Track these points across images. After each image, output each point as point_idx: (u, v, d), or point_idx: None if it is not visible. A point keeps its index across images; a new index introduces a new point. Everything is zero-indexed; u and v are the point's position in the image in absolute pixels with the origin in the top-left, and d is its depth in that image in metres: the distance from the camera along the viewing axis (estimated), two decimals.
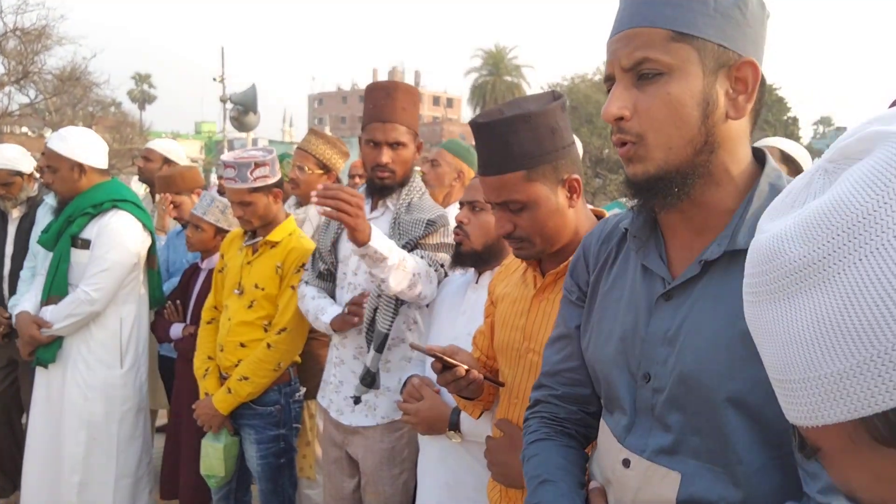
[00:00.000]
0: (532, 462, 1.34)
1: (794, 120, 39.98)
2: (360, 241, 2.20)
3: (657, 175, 1.08)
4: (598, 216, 1.80)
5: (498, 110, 1.66)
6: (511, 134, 1.61)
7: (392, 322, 2.52)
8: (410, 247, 2.54)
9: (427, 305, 2.58)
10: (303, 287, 2.78)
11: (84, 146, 3.40)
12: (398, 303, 2.53)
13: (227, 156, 3.01)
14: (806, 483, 0.94)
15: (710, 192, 1.10)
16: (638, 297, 1.18)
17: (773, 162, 1.14)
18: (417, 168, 3.81)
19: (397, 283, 2.33)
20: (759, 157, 1.15)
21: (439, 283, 2.51)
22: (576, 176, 1.68)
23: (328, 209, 2.11)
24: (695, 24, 1.05)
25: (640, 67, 1.07)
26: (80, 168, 3.39)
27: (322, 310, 2.68)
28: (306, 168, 3.78)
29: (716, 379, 1.03)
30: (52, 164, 3.37)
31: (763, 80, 1.09)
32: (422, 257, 2.48)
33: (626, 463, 1.14)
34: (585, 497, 1.24)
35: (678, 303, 1.12)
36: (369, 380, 2.56)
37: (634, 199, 1.15)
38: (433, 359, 1.75)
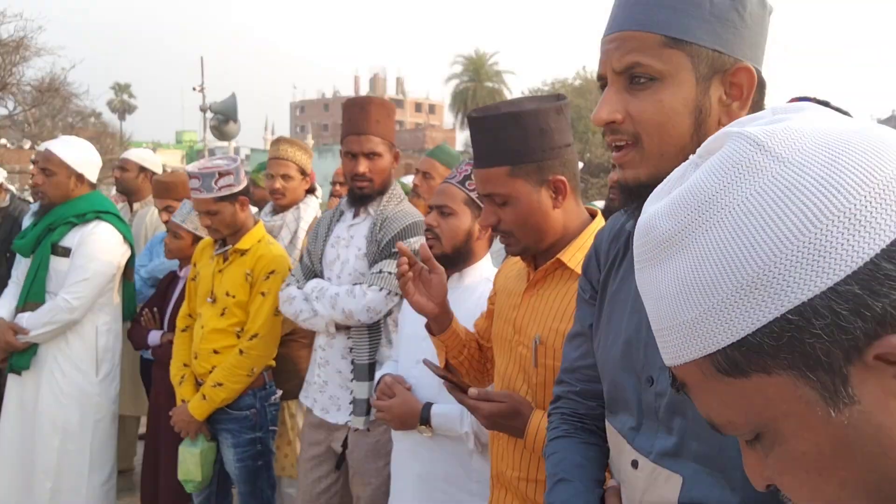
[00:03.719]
0: (551, 460, 1.35)
1: None
2: None
3: (647, 182, 1.06)
4: (592, 214, 1.85)
5: (495, 107, 1.74)
6: (500, 130, 1.68)
7: (373, 351, 2.71)
8: (383, 256, 2.71)
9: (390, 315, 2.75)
10: (291, 290, 2.84)
11: (85, 158, 3.52)
12: (372, 331, 2.72)
13: (191, 166, 3.05)
14: None
15: None
16: (642, 300, 1.19)
17: None
18: (410, 178, 3.85)
19: (324, 308, 2.69)
20: None
21: (395, 293, 2.66)
22: (562, 178, 1.71)
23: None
24: (688, 30, 1.03)
25: (632, 72, 1.06)
26: (78, 178, 3.45)
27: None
28: (293, 175, 3.80)
29: None
30: (50, 167, 3.42)
31: (762, 84, 1.07)
32: (380, 271, 2.67)
33: (635, 464, 1.13)
34: (601, 494, 1.24)
35: None
36: (365, 408, 2.69)
37: (625, 204, 1.15)
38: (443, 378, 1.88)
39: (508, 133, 1.67)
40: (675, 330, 0.60)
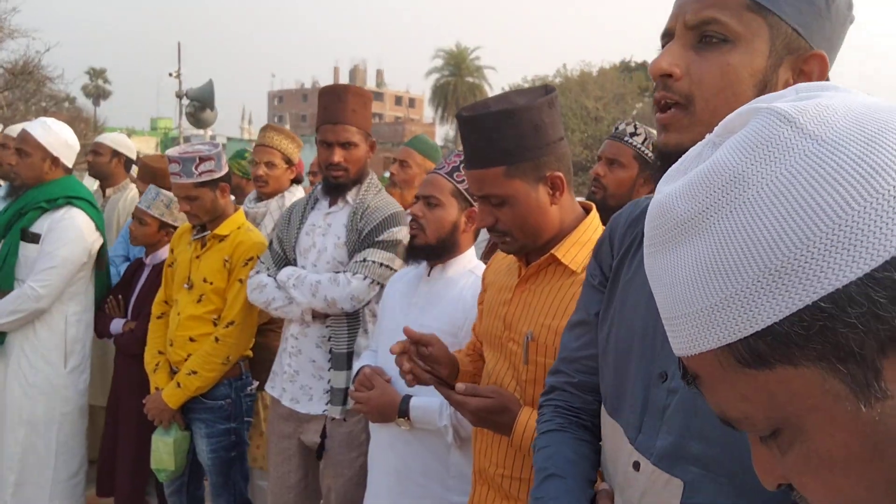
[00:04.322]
0: (542, 454, 1.28)
1: None
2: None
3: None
4: (586, 209, 1.81)
5: (484, 104, 1.68)
6: (493, 129, 1.62)
7: (351, 340, 2.68)
8: (365, 245, 2.69)
9: (369, 303, 2.72)
10: (262, 277, 2.80)
11: (63, 142, 3.43)
12: (351, 320, 2.69)
13: (171, 151, 3.01)
14: None
15: None
16: None
17: None
18: (388, 173, 3.84)
19: (301, 295, 2.65)
20: None
21: (378, 282, 2.65)
22: (559, 173, 1.67)
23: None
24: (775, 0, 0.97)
25: (706, 28, 0.99)
26: (53, 161, 3.37)
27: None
28: (276, 163, 3.78)
29: None
30: (26, 148, 3.34)
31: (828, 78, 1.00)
32: (364, 260, 2.65)
33: (636, 465, 1.07)
34: (592, 496, 1.18)
35: None
36: (342, 397, 2.66)
37: (662, 170, 1.08)
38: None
39: (502, 132, 1.62)
40: (690, 318, 0.57)
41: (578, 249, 1.69)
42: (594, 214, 1.79)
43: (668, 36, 1.05)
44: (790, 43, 0.99)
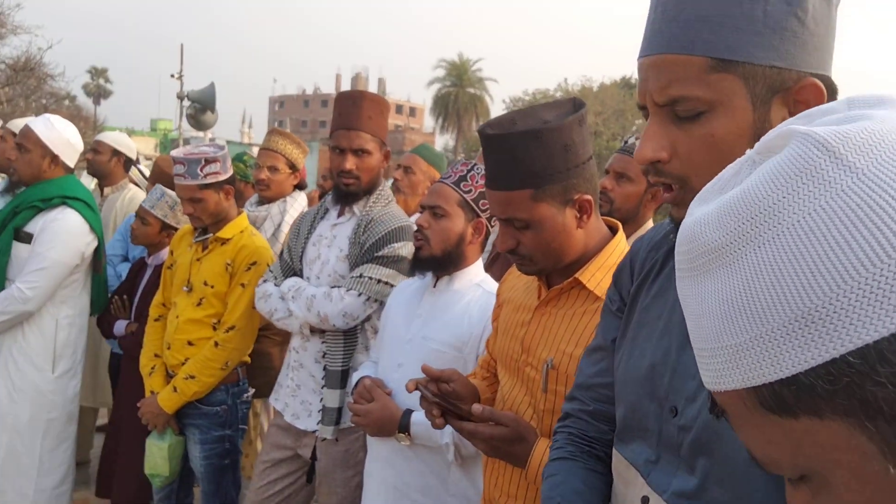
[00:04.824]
0: (549, 482, 1.24)
1: None
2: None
3: None
4: (611, 227, 1.73)
5: (510, 120, 1.58)
6: (520, 149, 1.52)
7: (347, 358, 2.61)
8: (365, 259, 2.61)
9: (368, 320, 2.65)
10: (268, 287, 2.74)
11: (65, 140, 3.35)
12: (348, 337, 2.61)
13: (176, 152, 2.96)
14: None
15: None
16: (676, 321, 1.03)
17: None
18: (392, 180, 3.82)
19: (299, 309, 2.59)
20: None
21: (377, 299, 2.57)
22: (587, 196, 1.58)
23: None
24: (739, 48, 0.89)
25: (676, 107, 0.93)
26: (53, 159, 3.30)
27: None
28: (280, 168, 3.74)
29: None
30: (26, 144, 3.27)
31: (832, 91, 0.92)
32: (360, 275, 2.56)
33: (645, 500, 1.02)
34: None
35: None
36: (335, 417, 2.59)
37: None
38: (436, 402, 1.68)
39: (530, 152, 1.51)
40: (717, 353, 0.53)
41: (604, 274, 1.59)
42: (621, 236, 1.70)
43: (643, 108, 1.00)
44: (773, 82, 0.90)
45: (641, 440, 1.06)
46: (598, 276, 1.60)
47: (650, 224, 2.79)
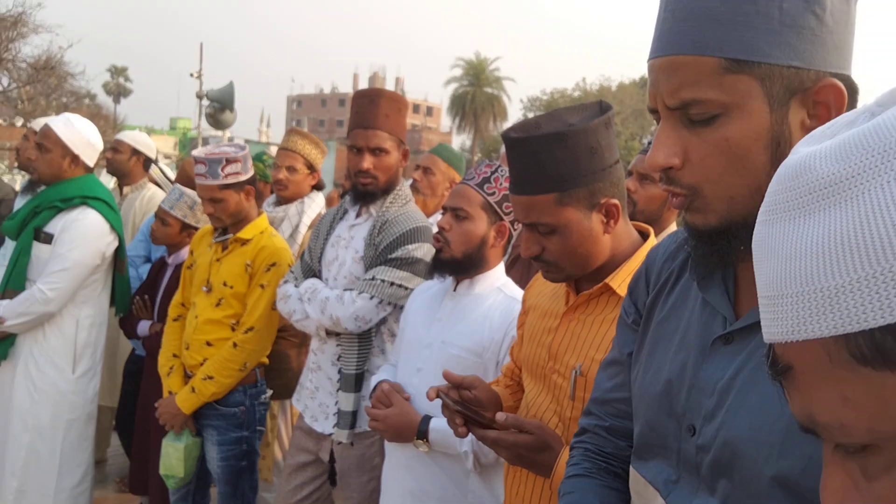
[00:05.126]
0: (566, 500, 1.21)
1: None
2: None
3: (720, 227, 0.91)
4: (642, 232, 1.69)
5: (535, 123, 1.55)
6: (545, 153, 1.49)
7: (361, 362, 2.58)
8: (379, 261, 2.57)
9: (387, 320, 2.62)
10: (288, 288, 2.72)
11: (85, 140, 3.35)
12: (362, 340, 2.58)
13: (197, 151, 2.94)
14: None
15: None
16: (693, 335, 1.00)
17: None
18: (411, 180, 3.81)
19: (314, 311, 2.56)
20: None
21: (391, 302, 2.54)
22: (614, 201, 1.55)
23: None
24: (755, 47, 0.85)
25: (688, 111, 0.89)
26: (73, 159, 3.30)
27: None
28: (298, 168, 3.73)
29: (765, 451, 0.86)
30: (46, 144, 3.26)
31: (853, 92, 0.89)
32: (373, 278, 2.52)
33: None
34: None
35: (737, 349, 0.92)
36: (350, 421, 2.56)
37: (697, 250, 0.97)
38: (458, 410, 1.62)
39: (555, 155, 1.48)
40: (804, 297, 0.48)
41: None
42: (652, 241, 1.66)
43: (654, 111, 0.96)
44: (790, 82, 0.86)
45: (661, 458, 1.02)
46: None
47: (673, 227, 2.74)
